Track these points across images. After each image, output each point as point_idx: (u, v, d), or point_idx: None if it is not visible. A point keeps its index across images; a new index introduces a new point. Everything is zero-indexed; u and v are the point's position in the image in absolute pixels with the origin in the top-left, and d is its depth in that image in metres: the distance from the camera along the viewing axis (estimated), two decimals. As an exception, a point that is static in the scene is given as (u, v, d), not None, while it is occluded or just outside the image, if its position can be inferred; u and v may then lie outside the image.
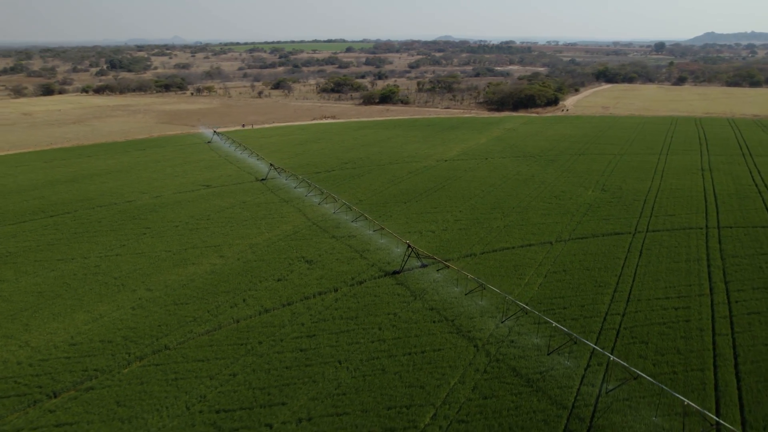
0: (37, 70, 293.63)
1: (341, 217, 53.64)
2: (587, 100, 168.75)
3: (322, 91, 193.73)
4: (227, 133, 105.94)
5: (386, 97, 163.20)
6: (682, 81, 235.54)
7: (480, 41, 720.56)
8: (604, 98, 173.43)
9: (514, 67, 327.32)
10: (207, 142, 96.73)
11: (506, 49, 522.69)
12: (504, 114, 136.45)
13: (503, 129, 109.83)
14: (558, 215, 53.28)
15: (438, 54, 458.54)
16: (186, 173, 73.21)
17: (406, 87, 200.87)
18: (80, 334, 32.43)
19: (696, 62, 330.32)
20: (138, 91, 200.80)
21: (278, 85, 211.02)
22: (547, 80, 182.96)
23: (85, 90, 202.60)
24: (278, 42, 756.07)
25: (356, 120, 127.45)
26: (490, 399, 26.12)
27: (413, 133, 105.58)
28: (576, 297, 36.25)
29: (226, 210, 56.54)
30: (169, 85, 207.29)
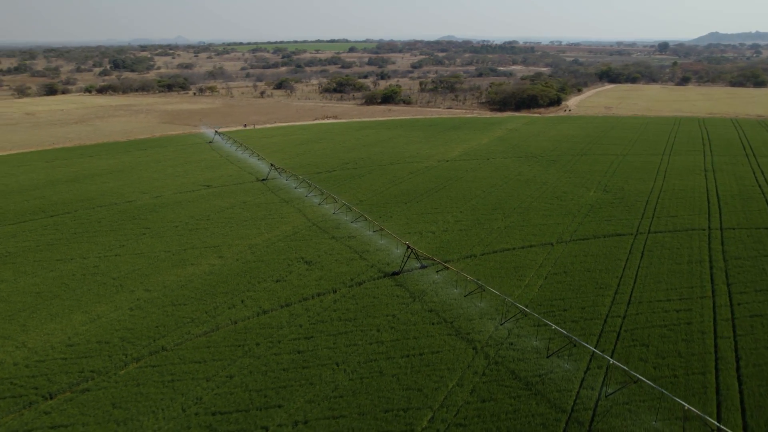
0: (41, 70, 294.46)
1: (341, 217, 53.46)
2: (590, 100, 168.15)
3: (325, 91, 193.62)
4: (229, 133, 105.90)
5: (388, 97, 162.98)
6: (685, 81, 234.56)
7: (483, 41, 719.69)
8: (607, 98, 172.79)
9: (517, 67, 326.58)
10: (208, 142, 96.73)
11: (509, 49, 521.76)
12: (506, 114, 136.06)
13: (505, 129, 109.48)
14: (559, 216, 52.97)
15: (441, 54, 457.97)
16: (187, 173, 73.17)
17: (409, 87, 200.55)
18: (77, 335, 32.33)
19: (700, 62, 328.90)
20: (141, 91, 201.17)
21: (281, 85, 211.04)
22: (550, 80, 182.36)
23: (88, 90, 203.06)
24: (281, 42, 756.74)
25: (358, 120, 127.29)
26: (488, 402, 25.87)
27: (415, 133, 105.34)
28: (576, 299, 35.97)
29: (226, 210, 56.44)
30: (171, 85, 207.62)
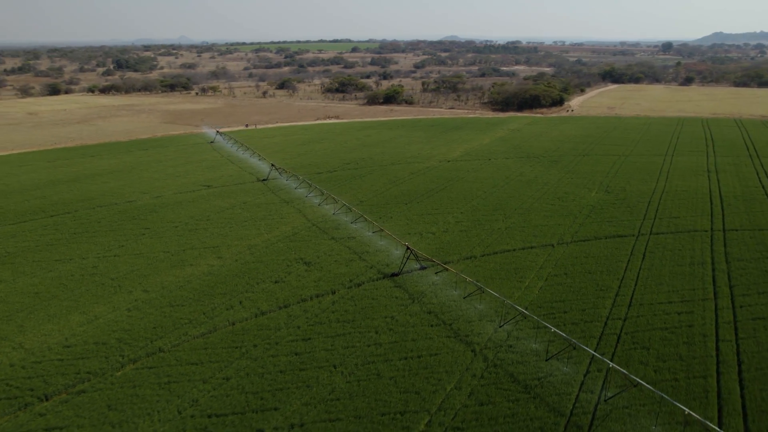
0: (45, 70, 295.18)
1: (341, 218, 53.25)
2: (593, 100, 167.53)
3: (327, 91, 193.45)
4: (230, 133, 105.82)
5: (390, 97, 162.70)
6: (689, 81, 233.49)
7: (486, 41, 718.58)
8: (610, 99, 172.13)
9: (520, 68, 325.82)
10: (210, 142, 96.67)
11: (512, 49, 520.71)
12: (508, 114, 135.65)
13: (507, 129, 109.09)
14: (560, 217, 52.64)
15: (444, 54, 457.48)
16: (187, 173, 73.09)
17: (411, 87, 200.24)
18: (75, 335, 32.20)
19: (704, 62, 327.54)
20: (143, 91, 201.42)
21: (283, 85, 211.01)
22: (553, 80, 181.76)
23: (90, 90, 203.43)
24: (284, 42, 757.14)
25: (360, 120, 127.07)
26: (486, 405, 25.62)
27: (416, 133, 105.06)
28: (577, 301, 35.67)
29: (226, 210, 56.30)
30: (174, 84, 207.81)
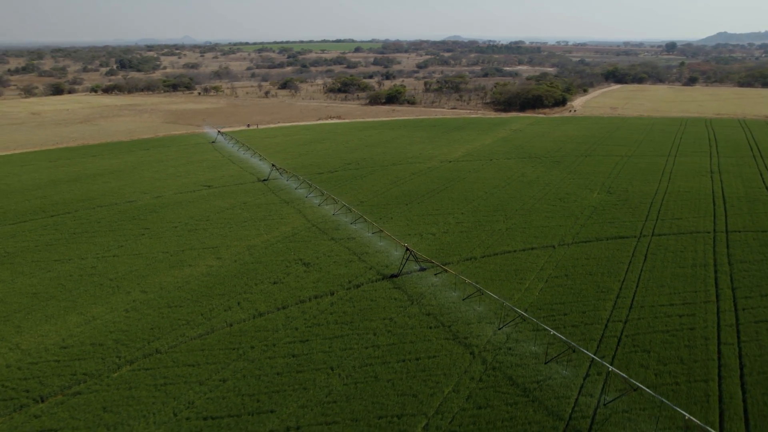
0: (48, 70, 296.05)
1: (341, 218, 53.04)
2: (596, 100, 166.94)
3: (329, 91, 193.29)
4: (232, 133, 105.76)
5: (392, 98, 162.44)
6: (693, 81, 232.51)
7: (489, 41, 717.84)
8: (612, 99, 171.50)
9: (523, 68, 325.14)
10: (211, 142, 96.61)
11: (515, 50, 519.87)
12: (511, 114, 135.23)
13: (509, 130, 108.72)
14: (562, 218, 52.31)
15: (447, 54, 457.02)
16: (188, 173, 73.00)
17: (414, 87, 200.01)
18: (72, 336, 32.07)
19: (708, 62, 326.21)
20: (146, 91, 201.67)
21: (285, 85, 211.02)
22: (556, 80, 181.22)
23: (94, 90, 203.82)
24: (287, 42, 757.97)
25: (361, 120, 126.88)
26: (484, 409, 25.36)
27: (418, 133, 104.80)
28: (577, 303, 35.36)
29: (226, 211, 56.15)
30: (176, 84, 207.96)
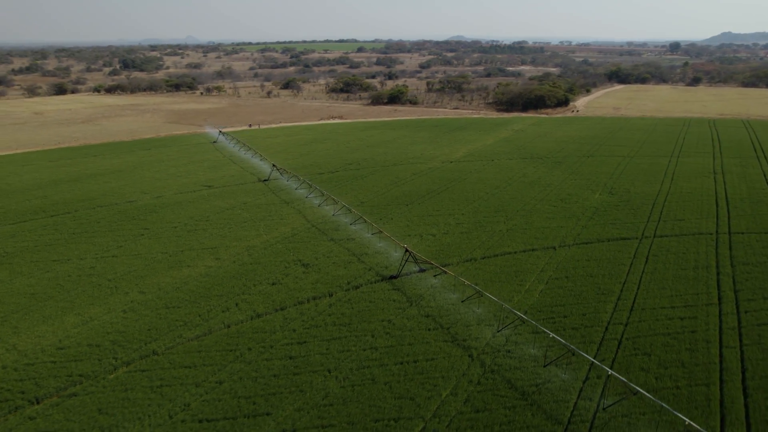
0: (52, 70, 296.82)
1: (341, 219, 52.84)
2: (598, 101, 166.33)
3: (331, 91, 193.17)
4: (234, 133, 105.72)
5: (395, 98, 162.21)
6: (696, 81, 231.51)
7: (492, 41, 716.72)
8: (615, 99, 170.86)
9: (526, 68, 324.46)
10: (212, 142, 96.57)
11: (518, 50, 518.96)
12: (513, 115, 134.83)
13: (511, 130, 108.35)
14: (563, 219, 51.98)
15: (449, 54, 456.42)
16: (189, 173, 72.94)
17: (416, 87, 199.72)
18: (69, 337, 31.95)
19: (711, 62, 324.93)
20: (149, 91, 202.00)
21: (287, 85, 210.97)
22: (558, 81, 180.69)
23: (96, 89, 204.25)
24: (290, 42, 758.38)
25: (363, 120, 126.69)
26: (482, 412, 25.10)
27: (420, 133, 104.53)
28: (577, 305, 35.06)
29: (226, 211, 56.02)
30: (179, 84, 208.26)
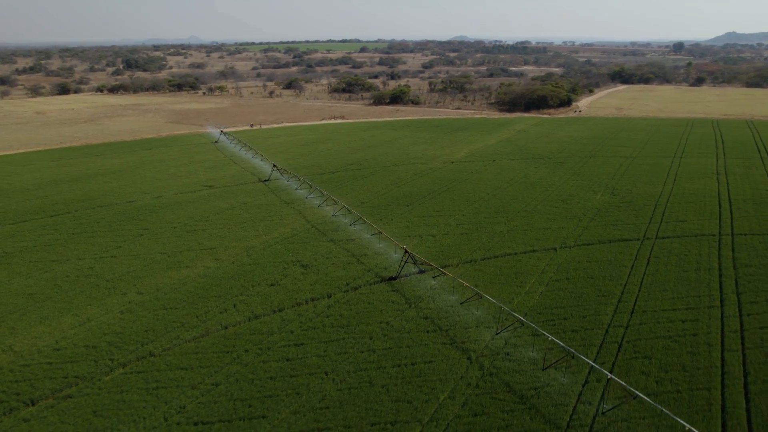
0: (55, 70, 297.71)
1: (341, 220, 52.62)
2: (601, 101, 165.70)
3: (334, 91, 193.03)
4: (235, 133, 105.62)
5: (397, 98, 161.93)
6: (700, 82, 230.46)
7: (495, 41, 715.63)
8: (618, 99, 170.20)
9: (529, 68, 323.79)
10: (214, 142, 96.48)
11: (521, 50, 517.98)
12: (515, 115, 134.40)
13: (513, 130, 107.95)
14: (564, 220, 51.64)
15: (452, 54, 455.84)
16: (190, 173, 72.83)
17: (418, 87, 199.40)
18: (65, 338, 31.80)
19: (716, 62, 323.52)
20: (151, 91, 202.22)
21: (290, 85, 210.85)
22: (561, 81, 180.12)
23: (99, 89, 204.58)
24: (293, 42, 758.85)
25: (365, 120, 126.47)
26: (480, 416, 24.83)
27: (421, 134, 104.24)
28: (578, 307, 34.74)
29: (226, 211, 55.85)
30: (181, 84, 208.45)
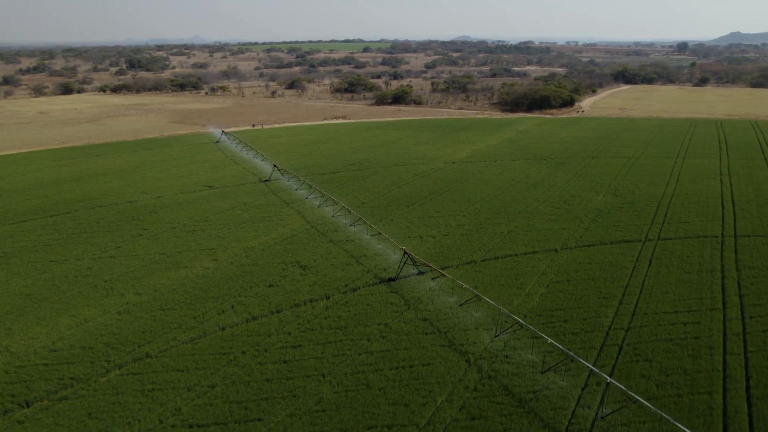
0: (59, 70, 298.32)
1: (341, 220, 52.39)
2: (604, 101, 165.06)
3: (336, 91, 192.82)
4: (237, 132, 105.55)
5: (399, 98, 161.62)
6: (704, 82, 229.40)
7: (498, 41, 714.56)
8: (621, 99, 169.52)
9: (532, 68, 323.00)
10: (215, 142, 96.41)
11: (524, 50, 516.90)
12: (517, 115, 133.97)
13: (515, 130, 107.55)
14: (565, 221, 51.29)
15: (455, 54, 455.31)
16: (190, 173, 72.73)
17: (421, 87, 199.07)
18: (62, 339, 31.65)
19: (719, 62, 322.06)
20: (154, 91, 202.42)
21: (292, 85, 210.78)
22: (564, 81, 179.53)
23: (102, 89, 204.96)
24: (296, 42, 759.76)
25: (367, 120, 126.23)
26: (477, 420, 24.55)
27: (423, 134, 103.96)
28: (578, 309, 34.41)
29: (226, 212, 55.70)
30: (184, 84, 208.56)
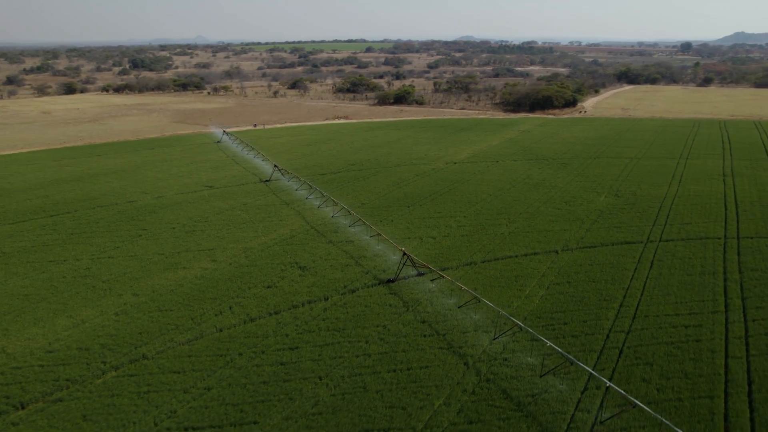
0: (62, 70, 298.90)
1: (341, 221, 52.17)
2: (607, 101, 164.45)
3: (338, 91, 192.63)
4: (238, 133, 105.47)
5: (401, 98, 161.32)
6: (707, 82, 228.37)
7: (501, 41, 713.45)
8: (624, 99, 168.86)
9: (535, 68, 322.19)
10: (216, 142, 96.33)
11: (527, 50, 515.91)
12: (520, 115, 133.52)
13: (517, 131, 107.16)
14: (567, 222, 50.95)
15: (458, 54, 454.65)
16: (191, 173, 72.63)
17: (423, 87, 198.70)
18: (59, 340, 31.51)
19: (723, 63, 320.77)
20: (156, 90, 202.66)
21: (294, 85, 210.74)
22: (566, 81, 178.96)
23: (105, 89, 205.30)
24: (299, 42, 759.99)
25: (368, 120, 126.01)
26: (475, 424, 24.28)
27: (425, 134, 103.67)
28: (578, 311, 34.10)
29: (226, 212, 55.55)
30: (186, 84, 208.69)
